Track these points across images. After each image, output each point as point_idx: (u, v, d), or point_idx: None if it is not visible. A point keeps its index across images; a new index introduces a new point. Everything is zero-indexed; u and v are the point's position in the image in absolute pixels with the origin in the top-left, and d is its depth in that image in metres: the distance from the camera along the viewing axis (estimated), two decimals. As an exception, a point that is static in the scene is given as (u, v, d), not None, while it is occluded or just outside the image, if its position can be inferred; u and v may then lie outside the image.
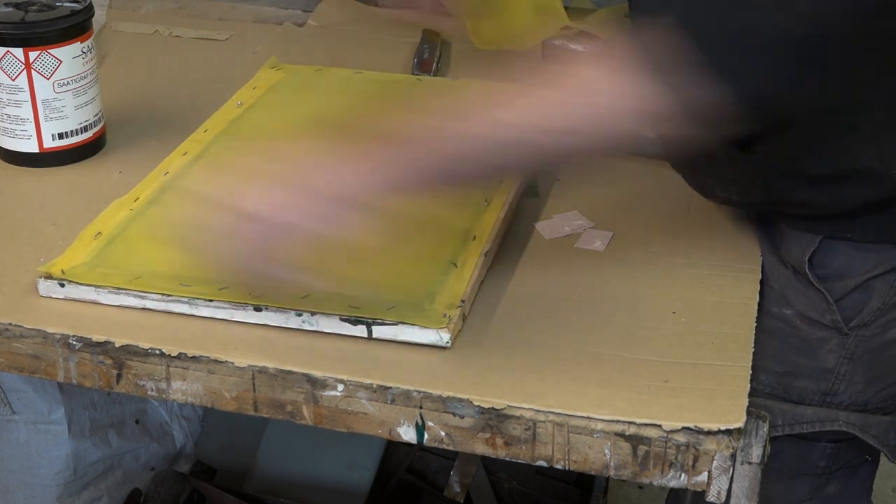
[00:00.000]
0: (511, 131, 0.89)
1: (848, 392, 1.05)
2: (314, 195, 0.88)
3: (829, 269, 1.02)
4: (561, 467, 0.86)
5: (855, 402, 1.05)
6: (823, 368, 1.05)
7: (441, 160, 0.89)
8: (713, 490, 0.84)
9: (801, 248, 1.02)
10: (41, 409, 1.54)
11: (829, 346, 1.04)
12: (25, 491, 1.58)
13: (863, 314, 1.02)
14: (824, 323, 1.03)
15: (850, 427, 1.05)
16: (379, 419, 0.88)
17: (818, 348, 1.04)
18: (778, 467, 1.08)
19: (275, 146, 0.92)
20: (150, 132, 1.26)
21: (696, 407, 0.85)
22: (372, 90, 1.33)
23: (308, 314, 0.92)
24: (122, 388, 0.92)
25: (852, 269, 1.01)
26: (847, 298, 1.02)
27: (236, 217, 0.88)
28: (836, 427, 1.05)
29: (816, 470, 1.10)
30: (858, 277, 1.01)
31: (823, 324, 1.03)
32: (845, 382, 1.05)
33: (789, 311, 1.04)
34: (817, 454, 1.09)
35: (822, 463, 1.10)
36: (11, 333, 0.93)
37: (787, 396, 1.06)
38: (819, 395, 1.06)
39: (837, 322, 1.03)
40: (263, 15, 1.65)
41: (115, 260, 0.99)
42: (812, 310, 1.03)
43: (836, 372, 1.04)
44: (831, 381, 1.05)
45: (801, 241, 1.02)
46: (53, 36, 1.14)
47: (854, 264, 1.01)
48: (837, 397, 1.05)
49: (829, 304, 1.02)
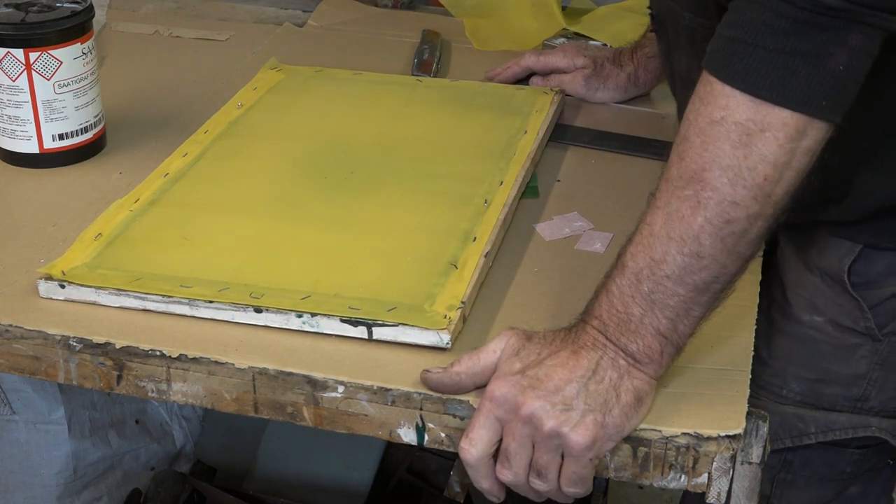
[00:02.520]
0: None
1: (879, 398, 1.05)
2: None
3: (867, 277, 1.01)
4: (561, 468, 0.86)
5: (886, 407, 1.05)
6: (855, 374, 1.04)
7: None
8: (713, 491, 0.84)
9: (839, 256, 1.01)
10: (41, 409, 1.54)
11: (862, 353, 1.03)
12: (25, 491, 1.58)
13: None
14: (857, 329, 1.03)
15: (882, 433, 1.05)
16: (379, 420, 0.88)
17: (850, 355, 1.04)
18: (807, 475, 1.08)
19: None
20: (150, 132, 1.26)
21: (695, 413, 0.85)
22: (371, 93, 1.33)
23: (308, 315, 0.92)
24: (122, 390, 0.92)
25: (890, 278, 1.01)
26: (882, 305, 1.02)
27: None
28: (869, 433, 1.05)
29: (843, 475, 1.10)
30: (895, 286, 1.01)
31: (856, 330, 1.03)
32: (877, 388, 1.04)
33: (820, 319, 1.04)
34: (845, 460, 1.09)
35: (849, 469, 1.10)
36: (12, 335, 0.93)
37: (818, 403, 1.06)
38: (850, 401, 1.05)
39: (871, 328, 1.02)
40: (263, 15, 1.65)
41: (115, 261, 0.99)
42: (845, 317, 1.03)
43: (868, 378, 1.04)
44: (863, 386, 1.04)
45: (839, 249, 1.01)
46: (54, 37, 1.14)
47: (892, 273, 1.01)
48: (868, 403, 1.05)
49: (864, 311, 1.02)
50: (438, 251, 1.01)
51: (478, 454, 0.83)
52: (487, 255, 1.00)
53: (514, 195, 1.09)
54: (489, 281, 1.00)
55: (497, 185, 1.11)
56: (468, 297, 0.95)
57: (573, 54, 1.35)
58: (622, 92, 1.35)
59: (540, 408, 0.81)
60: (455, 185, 1.12)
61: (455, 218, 1.06)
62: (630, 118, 1.33)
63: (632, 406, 0.83)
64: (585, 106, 1.35)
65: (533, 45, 1.52)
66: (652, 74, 1.34)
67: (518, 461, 0.82)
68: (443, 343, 0.90)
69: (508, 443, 0.82)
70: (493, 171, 1.14)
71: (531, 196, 1.14)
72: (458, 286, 0.96)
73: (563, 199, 1.14)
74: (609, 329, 0.84)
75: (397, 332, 0.91)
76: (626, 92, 1.35)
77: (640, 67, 1.34)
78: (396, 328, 0.91)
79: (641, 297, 0.83)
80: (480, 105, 1.30)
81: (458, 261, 0.99)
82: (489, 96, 1.32)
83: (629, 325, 0.83)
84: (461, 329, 0.93)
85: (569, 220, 1.10)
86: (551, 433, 0.81)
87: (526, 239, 1.07)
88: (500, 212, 1.06)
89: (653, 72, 1.34)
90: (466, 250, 1.01)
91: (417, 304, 0.93)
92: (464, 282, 0.96)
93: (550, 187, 1.16)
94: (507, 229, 1.07)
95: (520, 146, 1.19)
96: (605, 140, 1.26)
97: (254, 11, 1.66)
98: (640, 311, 0.83)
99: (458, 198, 1.09)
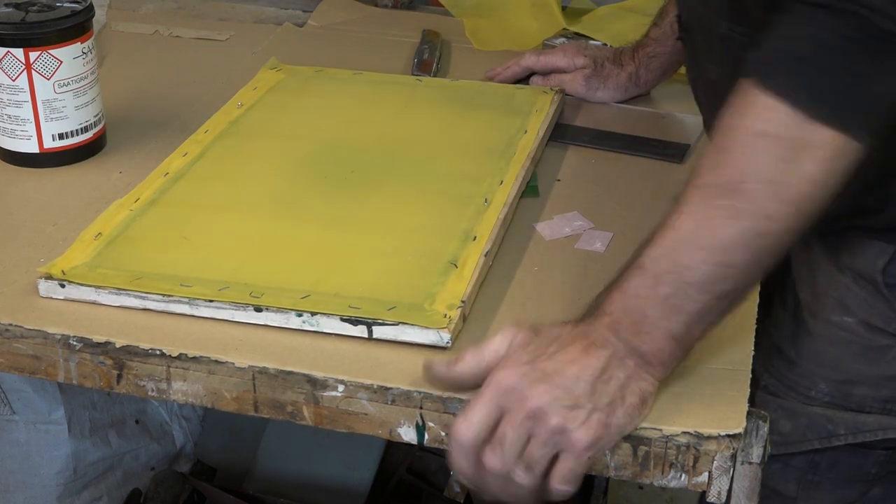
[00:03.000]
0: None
1: None
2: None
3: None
4: (561, 468, 0.86)
5: None
6: (886, 375, 1.04)
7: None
8: (713, 490, 0.84)
9: (873, 257, 1.01)
10: (41, 409, 1.54)
11: (893, 354, 1.03)
12: (25, 491, 1.58)
13: None
14: (888, 331, 1.02)
15: None
16: (379, 419, 0.88)
17: (881, 356, 1.03)
18: (833, 476, 1.07)
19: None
20: (150, 132, 1.26)
21: (695, 412, 0.85)
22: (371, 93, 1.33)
23: (308, 314, 0.92)
24: (122, 389, 0.92)
25: None
26: None
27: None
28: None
29: (868, 476, 1.09)
30: None
31: (888, 331, 1.02)
32: None
33: (850, 319, 1.03)
34: (871, 461, 1.08)
35: (874, 470, 1.09)
36: (12, 334, 0.93)
37: (847, 405, 1.05)
38: (880, 402, 1.04)
39: None
40: (263, 15, 1.65)
41: (115, 260, 0.99)
42: (876, 317, 1.02)
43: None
44: (893, 388, 1.04)
45: (872, 249, 1.01)
46: (54, 36, 1.14)
47: None
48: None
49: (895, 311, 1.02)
50: (438, 250, 1.01)
51: (472, 436, 0.82)
52: (487, 254, 1.00)
53: (514, 194, 1.09)
54: (489, 280, 1.00)
55: (497, 184, 1.11)
56: (468, 297, 0.95)
57: (573, 54, 1.35)
58: (623, 91, 1.35)
59: (547, 402, 0.81)
60: (455, 185, 1.12)
61: (455, 217, 1.06)
62: (631, 118, 1.33)
63: (636, 407, 0.83)
64: (586, 105, 1.35)
65: (533, 45, 1.52)
66: (653, 74, 1.34)
67: (510, 450, 0.82)
68: (443, 342, 0.90)
69: (506, 431, 0.82)
70: (493, 170, 1.14)
71: (531, 195, 1.14)
72: (458, 285, 0.96)
73: (563, 199, 1.14)
74: (621, 328, 0.83)
75: (397, 331, 0.91)
76: (626, 91, 1.35)
77: (642, 67, 1.34)
78: (396, 327, 0.91)
79: (659, 300, 0.83)
80: (480, 105, 1.30)
81: (458, 260, 0.99)
82: (489, 96, 1.32)
83: (643, 325, 0.83)
84: (461, 328, 0.93)
85: (569, 219, 1.10)
86: (555, 429, 0.81)
87: (526, 238, 1.07)
88: (500, 211, 1.06)
89: (654, 71, 1.34)
90: (466, 249, 1.01)
91: (417, 303, 0.93)
92: (464, 281, 0.96)
93: (551, 187, 1.16)
94: (507, 228, 1.07)
95: (520, 145, 1.19)
96: (606, 139, 1.26)
97: (254, 11, 1.66)
98: (656, 313, 0.83)
99: (459, 197, 1.09)
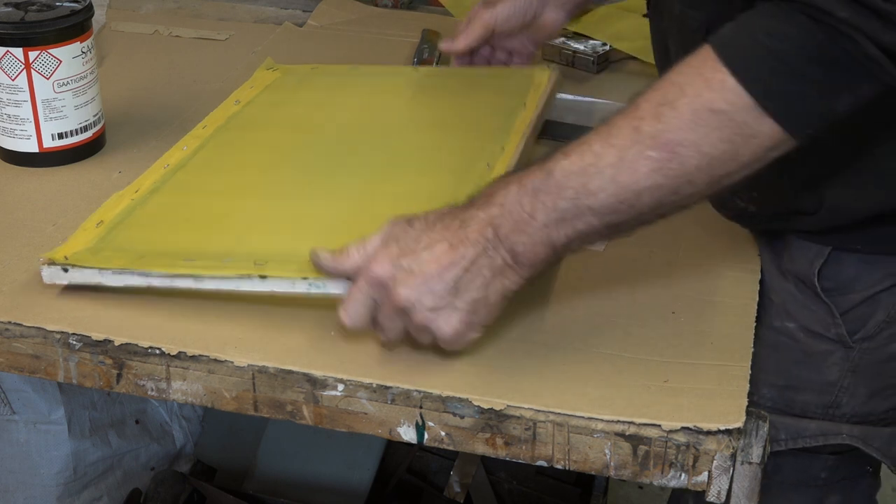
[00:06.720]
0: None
1: (851, 405, 1.04)
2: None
3: (836, 282, 1.01)
4: (561, 467, 0.86)
5: (857, 414, 1.05)
6: (826, 381, 1.04)
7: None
8: (713, 490, 0.84)
9: (808, 260, 1.01)
10: (41, 409, 1.54)
11: (833, 359, 1.03)
12: (25, 491, 1.58)
13: (867, 327, 1.02)
14: (828, 336, 1.03)
15: (853, 440, 1.04)
16: (379, 419, 0.88)
17: (821, 361, 1.03)
18: (779, 480, 1.07)
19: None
20: (149, 132, 1.26)
21: (695, 407, 0.85)
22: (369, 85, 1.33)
23: (314, 279, 0.91)
24: (122, 388, 0.92)
25: (859, 282, 1.01)
26: (852, 311, 1.01)
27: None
28: (840, 440, 1.05)
29: (818, 482, 1.10)
30: (865, 291, 1.01)
31: (827, 337, 1.03)
32: (848, 395, 1.04)
33: (791, 325, 1.04)
34: (818, 466, 1.09)
35: (823, 475, 1.09)
36: (11, 333, 0.93)
37: (790, 410, 1.05)
38: (822, 408, 1.05)
39: (842, 335, 1.02)
40: (263, 15, 1.65)
41: (118, 244, 0.98)
42: (816, 323, 1.03)
43: (840, 385, 1.03)
44: (834, 393, 1.04)
45: (808, 252, 1.01)
46: (53, 36, 1.14)
47: (861, 277, 1.01)
48: (840, 410, 1.05)
49: (835, 317, 1.02)
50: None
51: (353, 324, 0.88)
52: None
53: (515, 159, 1.08)
54: (489, 279, 1.00)
55: (499, 150, 1.10)
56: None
57: None
58: (571, 4, 1.30)
59: (408, 300, 0.85)
60: (457, 158, 1.11)
61: (457, 183, 1.04)
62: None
63: (497, 305, 0.86)
64: (584, 104, 1.35)
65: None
66: None
67: (391, 333, 0.88)
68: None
69: (383, 319, 0.87)
70: (494, 140, 1.13)
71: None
72: None
73: (562, 198, 1.13)
74: (503, 224, 0.84)
75: None
76: (575, 4, 1.30)
77: None
78: None
79: (553, 209, 0.84)
80: (479, 86, 1.29)
81: None
82: (487, 78, 1.32)
83: (527, 226, 0.84)
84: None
85: (569, 218, 1.09)
86: (419, 326, 0.86)
87: (526, 238, 1.07)
88: (502, 172, 1.05)
89: None
90: None
91: None
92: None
93: (550, 186, 1.16)
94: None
95: (519, 118, 1.18)
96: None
97: (254, 11, 1.66)
98: (545, 219, 0.84)
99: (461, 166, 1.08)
